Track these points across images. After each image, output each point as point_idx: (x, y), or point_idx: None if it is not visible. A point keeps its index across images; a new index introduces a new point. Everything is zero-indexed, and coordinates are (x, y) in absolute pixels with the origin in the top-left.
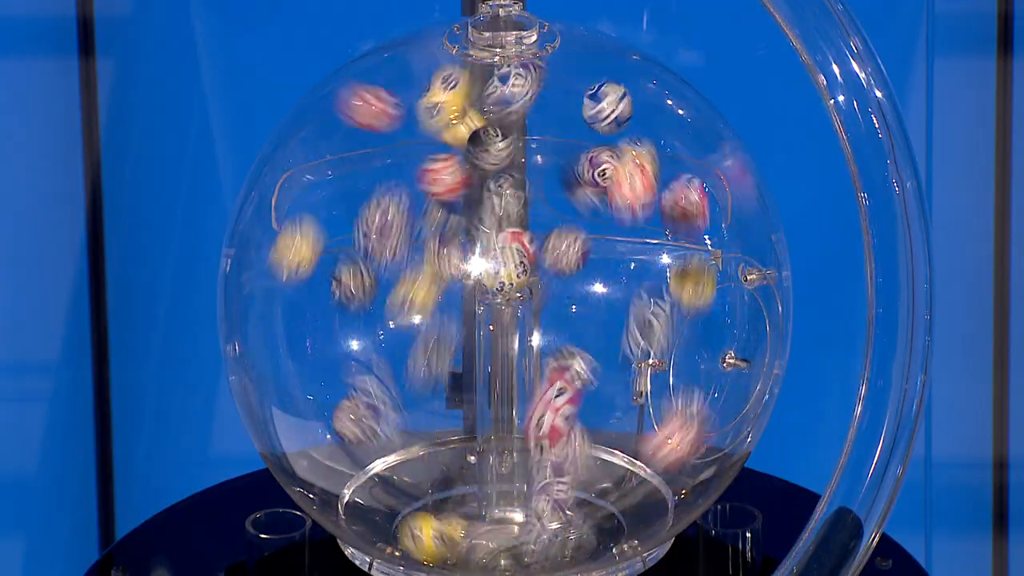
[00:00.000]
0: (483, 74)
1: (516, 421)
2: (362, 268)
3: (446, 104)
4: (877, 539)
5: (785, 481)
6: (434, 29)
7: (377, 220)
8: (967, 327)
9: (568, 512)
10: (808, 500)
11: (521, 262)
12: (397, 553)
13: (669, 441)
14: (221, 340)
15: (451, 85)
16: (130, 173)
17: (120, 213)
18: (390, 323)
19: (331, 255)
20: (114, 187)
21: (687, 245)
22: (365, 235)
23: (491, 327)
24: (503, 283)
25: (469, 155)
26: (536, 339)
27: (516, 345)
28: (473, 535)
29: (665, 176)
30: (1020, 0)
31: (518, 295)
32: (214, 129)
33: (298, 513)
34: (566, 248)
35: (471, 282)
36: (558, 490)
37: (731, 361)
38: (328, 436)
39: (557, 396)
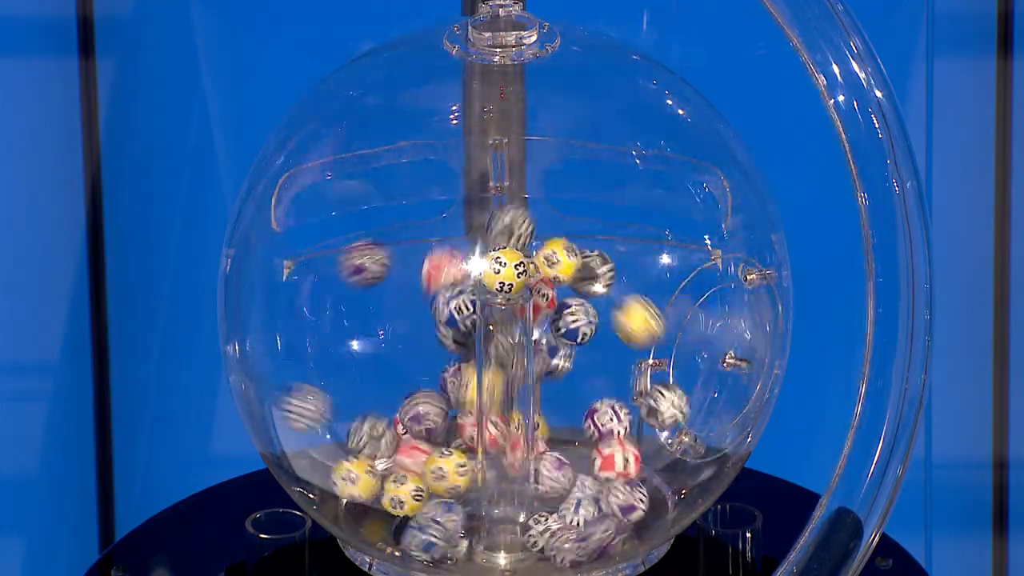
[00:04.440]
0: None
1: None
2: None
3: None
4: (877, 539)
5: (785, 481)
6: (434, 29)
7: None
8: (967, 327)
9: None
10: (808, 500)
11: (521, 263)
12: (397, 553)
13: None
14: (221, 340)
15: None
16: (130, 173)
17: (120, 213)
18: None
19: (327, 255)
20: (114, 187)
21: (687, 245)
22: None
23: (491, 327)
24: (503, 283)
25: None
26: (536, 338)
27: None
28: (473, 535)
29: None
30: (1020, 0)
31: (519, 295)
32: (214, 129)
33: (298, 513)
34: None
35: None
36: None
37: (731, 361)
38: (328, 436)
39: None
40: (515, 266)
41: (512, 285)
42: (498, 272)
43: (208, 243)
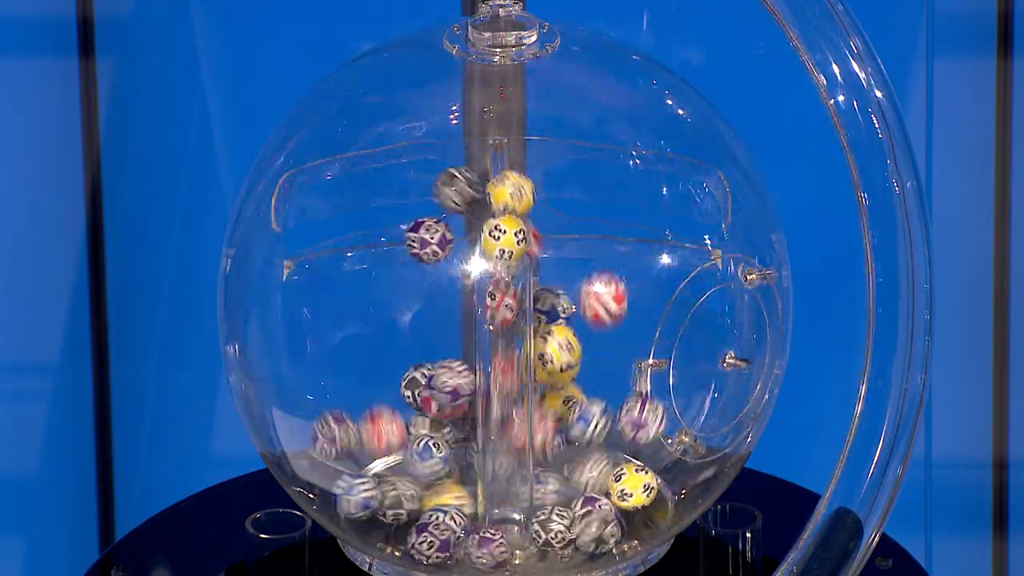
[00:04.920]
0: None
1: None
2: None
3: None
4: (877, 539)
5: (785, 481)
6: (434, 29)
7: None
8: (967, 327)
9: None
10: (808, 500)
11: (521, 230)
12: (397, 553)
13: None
14: (221, 340)
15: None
16: (130, 173)
17: (120, 213)
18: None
19: (327, 255)
20: (114, 187)
21: (687, 245)
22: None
23: (489, 327)
24: (503, 250)
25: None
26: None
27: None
28: (474, 533)
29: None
30: (1020, 0)
31: (518, 263)
32: (214, 129)
33: (298, 513)
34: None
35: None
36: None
37: (731, 361)
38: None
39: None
40: (515, 233)
41: (512, 252)
42: (498, 239)
43: (208, 243)
